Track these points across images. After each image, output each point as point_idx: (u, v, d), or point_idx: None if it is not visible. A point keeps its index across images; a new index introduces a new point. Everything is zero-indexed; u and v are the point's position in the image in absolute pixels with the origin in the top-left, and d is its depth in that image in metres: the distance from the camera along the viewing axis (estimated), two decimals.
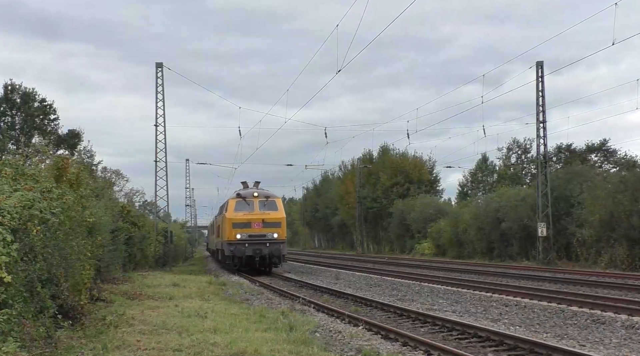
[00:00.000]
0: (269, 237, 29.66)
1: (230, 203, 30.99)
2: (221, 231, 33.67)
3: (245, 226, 29.72)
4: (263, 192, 31.48)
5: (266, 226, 29.75)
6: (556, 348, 9.71)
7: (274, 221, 30.06)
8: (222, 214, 33.32)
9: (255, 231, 29.67)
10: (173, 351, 9.21)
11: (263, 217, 29.88)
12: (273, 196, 31.41)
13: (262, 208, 30.30)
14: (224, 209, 33.20)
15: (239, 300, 18.30)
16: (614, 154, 57.10)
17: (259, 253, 29.46)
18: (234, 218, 30.00)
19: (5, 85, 44.29)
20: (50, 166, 14.26)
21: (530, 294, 18.15)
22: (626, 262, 29.96)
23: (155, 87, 37.33)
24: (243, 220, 29.82)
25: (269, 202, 30.70)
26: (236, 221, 29.93)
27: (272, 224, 29.94)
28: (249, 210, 30.14)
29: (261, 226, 29.68)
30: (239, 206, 30.40)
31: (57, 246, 10.75)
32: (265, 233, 29.64)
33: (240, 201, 30.67)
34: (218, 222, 37.63)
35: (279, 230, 30.04)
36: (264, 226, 29.70)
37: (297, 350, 9.37)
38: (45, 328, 9.08)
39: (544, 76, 36.54)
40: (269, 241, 29.65)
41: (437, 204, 59.16)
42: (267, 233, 29.65)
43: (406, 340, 10.89)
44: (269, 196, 31.08)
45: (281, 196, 35.68)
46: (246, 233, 29.63)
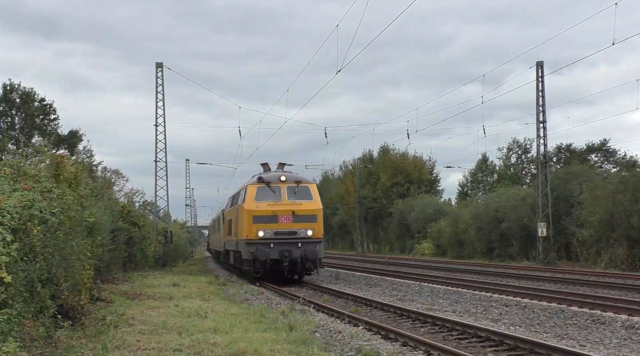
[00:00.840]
0: (302, 235, 23.16)
1: (250, 190, 23.94)
2: (235, 228, 26.48)
3: (271, 221, 23.10)
4: (292, 175, 24.85)
5: (297, 220, 23.25)
6: (556, 348, 9.71)
7: (308, 214, 23.51)
8: (237, 205, 26.36)
9: (284, 227, 23.17)
10: (173, 351, 9.21)
11: (293, 208, 23.32)
12: (305, 181, 24.57)
13: (292, 196, 23.68)
14: (238, 199, 26.60)
15: (239, 299, 18.30)
16: (614, 154, 57.11)
17: (288, 256, 22.82)
18: (256, 210, 23.31)
19: (4, 85, 44.32)
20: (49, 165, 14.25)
21: (530, 294, 18.15)
22: (626, 262, 29.95)
23: (155, 87, 37.33)
24: (267, 213, 23.19)
25: (301, 189, 23.97)
26: (258, 214, 23.25)
27: (306, 217, 23.41)
28: (274, 199, 23.54)
29: (291, 220, 23.19)
30: (262, 194, 23.65)
31: (57, 246, 10.75)
32: (296, 229, 23.19)
33: (263, 187, 23.77)
34: (228, 216, 30.53)
35: (314, 226, 23.45)
36: (294, 220, 23.22)
37: (297, 350, 9.37)
38: (45, 328, 9.08)
39: (544, 76, 36.55)
40: (302, 240, 23.09)
41: (437, 204, 59.16)
42: (298, 230, 23.20)
43: (406, 340, 10.89)
44: (300, 181, 24.28)
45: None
46: (271, 230, 23.02)
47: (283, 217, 23.17)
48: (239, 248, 25.17)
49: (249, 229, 23.29)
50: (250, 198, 23.71)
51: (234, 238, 27.14)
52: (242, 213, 24.17)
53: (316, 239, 23.34)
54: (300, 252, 22.91)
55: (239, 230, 24.97)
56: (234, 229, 26.84)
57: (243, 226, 23.83)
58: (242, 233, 24.10)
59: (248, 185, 24.46)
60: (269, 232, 23.02)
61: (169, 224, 44.22)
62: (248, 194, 23.92)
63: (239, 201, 25.66)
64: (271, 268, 23.16)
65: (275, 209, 23.27)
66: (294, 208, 23.34)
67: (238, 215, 25.28)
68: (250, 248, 23.05)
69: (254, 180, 24.52)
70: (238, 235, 25.24)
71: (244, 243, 23.54)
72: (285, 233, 23.09)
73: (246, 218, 23.47)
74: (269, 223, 23.10)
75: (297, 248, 22.92)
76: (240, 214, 24.54)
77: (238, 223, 25.21)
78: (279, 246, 22.82)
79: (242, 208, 24.27)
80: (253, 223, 23.23)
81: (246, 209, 23.59)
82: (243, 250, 23.93)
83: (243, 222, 23.83)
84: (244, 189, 24.87)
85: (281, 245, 22.87)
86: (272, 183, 23.88)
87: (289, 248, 22.83)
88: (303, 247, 22.94)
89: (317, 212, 23.69)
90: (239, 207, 25.33)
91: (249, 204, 23.65)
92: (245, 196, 24.17)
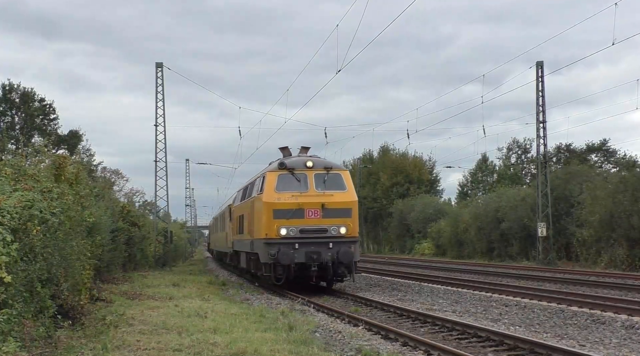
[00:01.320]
0: (333, 233, 19.34)
1: (269, 178, 19.93)
2: (249, 224, 22.29)
3: (295, 216, 19.26)
4: (321, 160, 20.72)
5: (328, 215, 19.40)
6: (556, 348, 9.71)
7: (341, 207, 19.61)
8: (251, 198, 22.32)
9: (311, 224, 19.30)
10: (173, 351, 9.21)
11: (323, 201, 19.42)
12: (337, 167, 20.57)
13: (321, 185, 19.73)
14: (253, 190, 22.51)
15: (239, 299, 18.31)
16: (614, 154, 57.15)
17: (317, 259, 18.97)
18: (277, 203, 19.40)
19: (4, 85, 44.34)
20: (49, 165, 14.26)
21: (530, 294, 18.15)
22: (626, 262, 29.96)
23: (155, 87, 37.34)
24: (291, 206, 19.33)
25: (332, 176, 19.98)
26: (280, 207, 19.37)
27: (338, 212, 19.55)
28: (299, 189, 19.57)
29: (320, 215, 19.35)
30: (284, 183, 19.76)
31: (57, 246, 10.76)
32: (326, 226, 19.34)
33: (286, 174, 19.80)
34: (238, 212, 26.26)
35: (348, 222, 19.50)
36: (324, 215, 19.35)
37: (297, 350, 9.37)
38: (45, 328, 9.09)
39: (544, 75, 36.56)
40: (333, 239, 19.31)
41: (437, 204, 59.21)
42: (329, 227, 19.34)
43: (406, 340, 10.89)
44: (331, 167, 20.23)
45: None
46: (296, 227, 19.21)
47: (310, 211, 19.33)
48: (254, 249, 21.00)
49: (269, 226, 19.29)
50: (270, 188, 19.66)
51: (247, 237, 22.85)
52: (259, 206, 20.09)
53: (350, 239, 19.55)
54: (332, 254, 19.06)
55: (254, 227, 20.82)
56: (248, 227, 22.62)
57: (261, 223, 19.75)
58: (259, 231, 20.03)
59: (267, 172, 20.22)
60: (294, 230, 19.19)
61: (169, 224, 44.22)
62: (267, 183, 19.82)
63: (255, 192, 21.52)
64: (296, 274, 19.32)
65: (301, 202, 19.30)
66: (323, 200, 19.42)
67: (254, 209, 21.14)
68: (271, 250, 19.00)
69: (274, 166, 20.31)
70: (253, 233, 21.07)
71: (263, 243, 19.46)
72: (313, 230, 19.30)
73: (265, 212, 19.49)
74: (293, 219, 19.22)
75: (328, 249, 19.11)
76: (257, 207, 20.42)
77: (254, 218, 21.04)
78: (306, 247, 19.06)
79: (259, 200, 20.19)
80: (274, 219, 19.25)
81: (265, 202, 19.53)
82: (261, 252, 19.82)
83: (261, 217, 19.76)
84: (262, 177, 20.77)
85: (308, 246, 19.11)
86: (297, 169, 19.84)
87: (317, 249, 19.06)
88: (335, 248, 19.13)
89: (352, 205, 19.80)
90: (254, 199, 21.19)
91: (268, 195, 19.61)
92: (263, 186, 20.10)
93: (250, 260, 22.78)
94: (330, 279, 20.30)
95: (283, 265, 18.95)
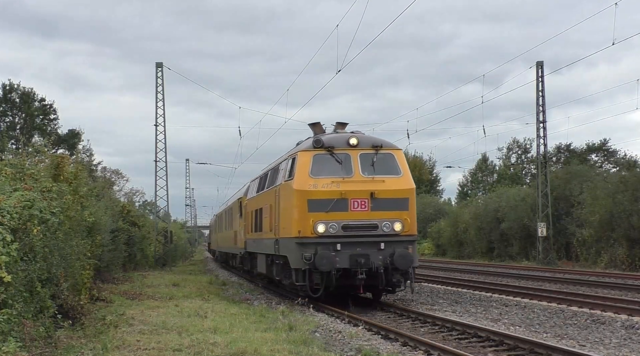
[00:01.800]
0: (386, 230, 15.32)
1: (302, 159, 15.83)
2: (272, 220, 17.93)
3: (336, 208, 15.21)
4: (368, 137, 16.64)
5: (379, 207, 15.36)
6: (556, 348, 9.72)
7: (396, 197, 15.57)
8: (273, 186, 18.09)
9: (357, 218, 15.25)
10: (173, 351, 9.22)
11: (372, 188, 15.33)
12: (388, 145, 16.39)
13: (369, 169, 15.67)
14: (276, 176, 18.19)
15: (239, 300, 18.31)
16: (614, 154, 57.17)
17: (365, 263, 14.87)
18: (313, 191, 15.33)
19: (4, 85, 44.36)
20: (48, 165, 14.28)
21: (530, 294, 18.15)
22: (626, 262, 29.97)
23: (155, 87, 37.36)
24: (332, 195, 15.23)
25: (382, 157, 15.98)
26: (317, 197, 15.29)
27: (391, 203, 15.48)
28: (341, 174, 15.57)
29: (368, 207, 15.30)
30: (321, 166, 15.69)
31: (57, 246, 10.78)
32: (376, 221, 15.27)
33: (324, 155, 15.77)
34: (253, 205, 22.01)
35: (404, 216, 15.51)
36: (373, 207, 15.32)
37: (297, 350, 9.37)
38: (45, 328, 9.10)
39: (544, 75, 36.57)
40: (386, 238, 15.27)
41: (437, 204, 59.24)
42: (380, 222, 15.27)
43: (406, 340, 10.89)
44: (381, 145, 16.11)
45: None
46: (337, 222, 15.16)
47: (356, 202, 15.24)
48: (280, 250, 16.76)
49: (302, 222, 15.24)
50: (304, 172, 15.60)
51: (267, 235, 18.46)
52: (288, 195, 16.09)
53: (408, 237, 15.54)
54: (384, 257, 14.99)
55: (281, 223, 16.73)
56: (270, 223, 18.20)
57: (291, 217, 15.75)
58: (288, 228, 15.94)
59: (298, 152, 16.09)
60: (334, 226, 15.12)
61: (169, 224, 44.24)
62: (300, 166, 15.71)
63: (280, 178, 17.33)
64: (338, 284, 15.08)
65: (344, 190, 15.21)
66: (372, 187, 15.34)
67: (279, 200, 17.04)
68: (305, 251, 14.96)
69: (308, 144, 16.30)
70: (279, 231, 16.89)
71: (294, 243, 15.36)
72: (360, 227, 15.23)
73: (297, 203, 15.47)
74: (333, 212, 15.15)
75: (379, 251, 15.06)
76: (285, 197, 16.41)
77: (280, 212, 16.95)
78: (350, 248, 15.02)
79: (287, 188, 16.18)
80: (309, 212, 15.21)
81: (297, 190, 15.48)
82: (291, 255, 15.69)
83: (291, 210, 15.81)
84: (290, 158, 16.63)
85: (353, 247, 15.06)
86: (338, 147, 15.80)
87: (365, 251, 14.98)
88: (388, 249, 15.08)
89: (409, 193, 15.79)
90: (280, 188, 17.04)
91: (301, 180, 15.54)
92: (293, 169, 16.01)
93: (272, 265, 18.49)
94: (382, 290, 16.06)
95: (323, 272, 14.85)
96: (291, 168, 16.28)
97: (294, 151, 17.08)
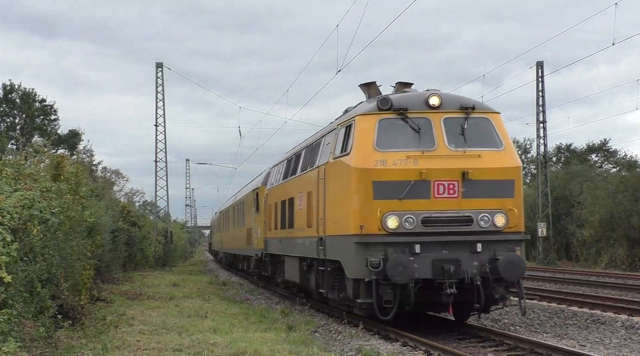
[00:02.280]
0: (483, 225, 11.27)
1: (363, 124, 11.70)
2: (310, 211, 13.84)
3: (414, 194, 11.12)
4: (454, 97, 12.34)
5: (473, 192, 11.29)
6: (556, 348, 9.72)
7: (497, 179, 11.47)
8: (317, 166, 13.55)
9: (443, 208, 11.27)
10: (173, 351, 9.22)
11: (464, 167, 11.29)
12: (482, 107, 12.28)
13: (457, 139, 11.64)
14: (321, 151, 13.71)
15: (239, 299, 18.31)
16: (614, 154, 57.19)
17: (456, 272, 10.84)
18: (381, 170, 11.22)
19: (4, 85, 44.36)
20: (48, 165, 14.29)
21: (530, 294, 18.13)
22: (626, 262, 30.00)
23: (155, 87, 37.37)
24: (407, 175, 11.17)
25: (476, 123, 11.83)
26: (386, 178, 11.19)
27: (491, 186, 11.39)
28: (419, 146, 11.44)
29: (458, 192, 11.25)
30: (391, 134, 11.54)
31: (57, 246, 10.79)
32: (470, 212, 11.28)
33: (394, 120, 11.61)
34: (276, 196, 17.81)
35: (509, 204, 11.39)
36: (466, 192, 11.26)
37: (297, 350, 9.37)
38: (45, 328, 9.10)
39: (544, 75, 36.58)
40: (484, 236, 11.27)
41: None
42: (475, 214, 11.28)
43: (406, 340, 10.88)
44: (472, 106, 11.96)
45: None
46: (415, 214, 11.11)
47: (441, 185, 11.11)
48: (328, 253, 12.38)
49: (365, 213, 11.05)
50: (366, 143, 11.38)
51: (305, 232, 14.03)
52: (342, 177, 11.84)
53: (514, 236, 11.42)
54: (481, 263, 10.94)
55: (329, 215, 12.37)
56: (308, 216, 13.84)
57: (347, 207, 11.49)
58: (343, 222, 11.66)
59: (357, 117, 11.81)
60: (411, 219, 10.97)
61: (169, 224, 44.24)
62: (359, 135, 11.51)
63: (325, 155, 12.97)
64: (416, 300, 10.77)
65: (425, 168, 11.10)
66: (464, 164, 11.23)
67: (326, 184, 12.57)
68: (371, 255, 10.80)
69: (370, 106, 11.91)
70: (325, 227, 12.50)
71: (353, 243, 11.06)
72: (448, 220, 11.15)
73: (357, 186, 11.25)
74: (409, 199, 11.01)
75: (474, 255, 11.02)
76: (337, 180, 12.09)
77: (326, 200, 12.52)
78: (434, 251, 10.98)
79: (340, 167, 11.89)
80: (374, 199, 11.02)
81: (357, 168, 11.27)
82: (348, 259, 11.42)
83: (347, 197, 11.53)
84: (344, 127, 12.22)
85: (437, 248, 11.02)
86: (413, 109, 11.53)
87: (454, 255, 10.96)
88: (486, 252, 11.07)
89: (515, 174, 11.65)
90: (327, 168, 12.61)
91: (363, 155, 11.33)
92: (349, 141, 11.79)
93: (309, 271, 14.41)
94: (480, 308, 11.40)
95: (396, 285, 10.61)
96: (345, 139, 11.92)
97: (347, 117, 12.58)
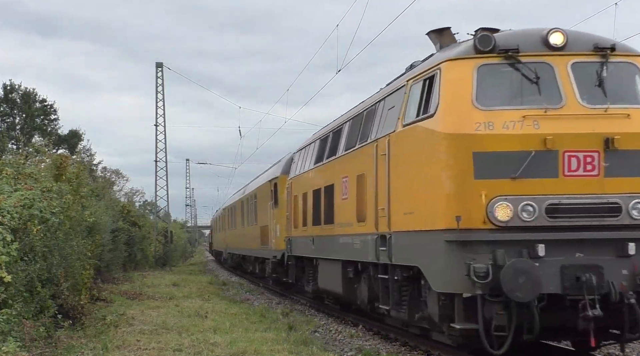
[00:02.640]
0: (635, 214, 7.35)
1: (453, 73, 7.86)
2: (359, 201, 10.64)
3: (534, 170, 7.30)
4: (584, 35, 8.07)
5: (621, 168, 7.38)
6: (556, 348, 9.71)
7: None
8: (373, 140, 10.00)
9: (577, 191, 7.35)
10: (173, 351, 9.22)
11: (607, 131, 7.34)
12: (625, 48, 8.10)
13: (593, 93, 7.67)
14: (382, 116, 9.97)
15: (239, 299, 18.31)
16: None
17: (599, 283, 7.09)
18: (485, 135, 7.39)
19: (4, 85, 44.37)
20: (49, 165, 14.29)
21: None
22: None
23: (155, 87, 37.41)
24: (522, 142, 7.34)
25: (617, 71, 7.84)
26: (492, 148, 7.38)
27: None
28: (540, 102, 7.54)
29: (598, 169, 7.34)
30: (495, 85, 7.71)
31: (57, 246, 10.78)
32: (616, 197, 7.38)
33: (500, 66, 7.71)
34: (305, 185, 14.97)
35: None
36: (609, 169, 7.35)
37: (297, 350, 9.37)
38: (45, 328, 9.10)
39: None
40: (636, 231, 7.39)
41: None
42: (624, 199, 7.37)
43: (406, 340, 10.88)
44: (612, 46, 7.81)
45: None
46: (536, 200, 7.31)
47: (574, 157, 7.48)
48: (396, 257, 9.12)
49: (463, 197, 7.57)
50: (461, 98, 7.79)
51: (355, 229, 10.99)
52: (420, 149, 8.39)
53: None
54: (632, 271, 7.41)
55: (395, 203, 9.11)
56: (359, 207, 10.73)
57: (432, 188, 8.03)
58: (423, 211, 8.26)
59: (444, 63, 8.12)
60: (531, 208, 7.42)
61: (169, 224, 44.25)
62: (448, 87, 7.95)
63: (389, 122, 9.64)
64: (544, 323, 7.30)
65: (549, 133, 7.47)
66: (606, 128, 7.55)
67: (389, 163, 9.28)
68: (474, 258, 7.34)
69: (463, 47, 8.22)
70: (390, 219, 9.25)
71: (444, 242, 7.67)
72: (585, 209, 7.50)
73: (447, 159, 7.79)
74: (526, 178, 7.43)
75: (622, 259, 7.48)
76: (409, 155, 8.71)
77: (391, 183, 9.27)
78: (564, 253, 7.45)
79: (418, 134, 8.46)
80: (476, 178, 7.50)
81: (446, 133, 7.78)
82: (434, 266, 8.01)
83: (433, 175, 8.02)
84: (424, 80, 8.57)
85: (569, 249, 7.47)
86: (526, 51, 7.83)
87: (594, 260, 7.39)
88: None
89: None
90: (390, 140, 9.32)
91: (455, 115, 7.82)
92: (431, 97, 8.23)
93: (359, 280, 11.48)
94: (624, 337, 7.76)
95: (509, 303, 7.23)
96: (426, 97, 8.41)
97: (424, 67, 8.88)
